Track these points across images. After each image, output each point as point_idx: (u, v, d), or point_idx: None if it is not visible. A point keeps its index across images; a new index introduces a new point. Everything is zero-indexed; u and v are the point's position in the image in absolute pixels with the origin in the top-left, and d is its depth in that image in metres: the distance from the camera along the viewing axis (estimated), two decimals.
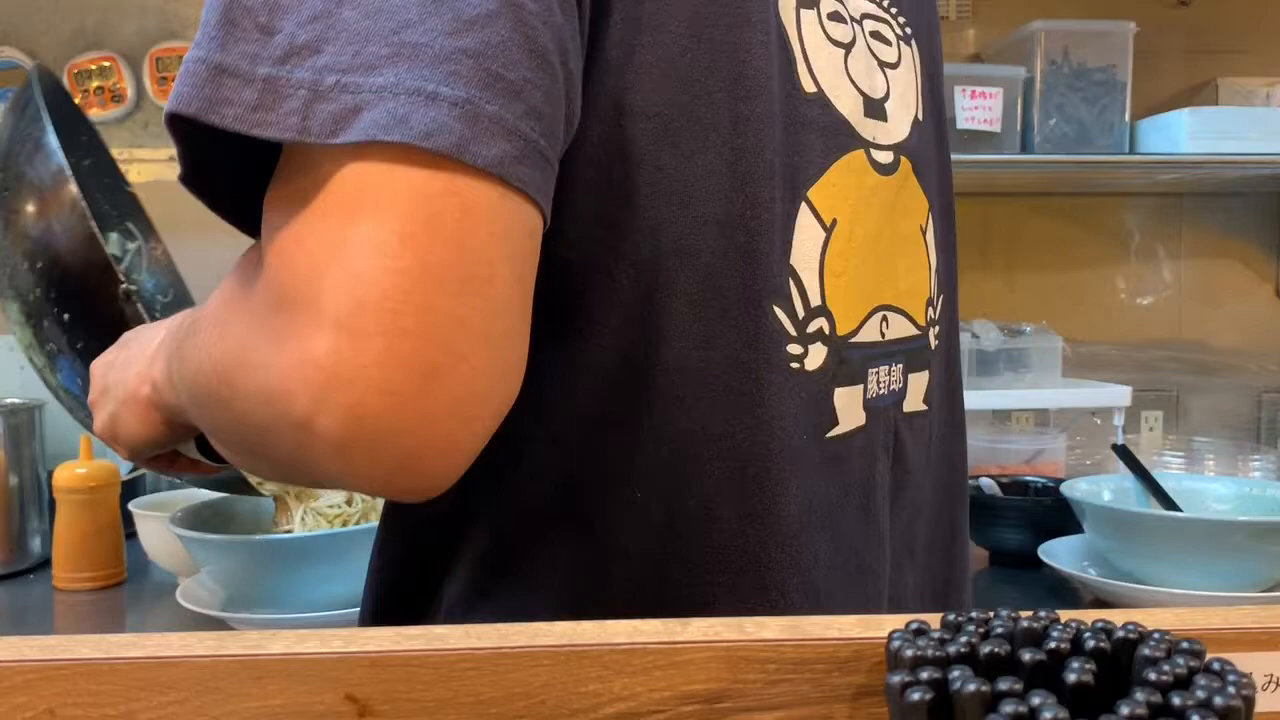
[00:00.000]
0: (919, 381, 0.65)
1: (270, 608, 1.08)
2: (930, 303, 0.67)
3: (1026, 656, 0.34)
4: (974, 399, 1.61)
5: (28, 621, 1.22)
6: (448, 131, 0.40)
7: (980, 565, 1.39)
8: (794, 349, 0.56)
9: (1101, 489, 1.28)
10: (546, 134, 0.44)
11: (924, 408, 0.66)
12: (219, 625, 1.08)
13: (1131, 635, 0.35)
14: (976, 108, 1.56)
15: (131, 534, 1.33)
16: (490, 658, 0.38)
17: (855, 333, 0.59)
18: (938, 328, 0.68)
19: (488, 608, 0.56)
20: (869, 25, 0.62)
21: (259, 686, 0.38)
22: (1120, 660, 0.35)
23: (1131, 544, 1.15)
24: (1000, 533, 1.37)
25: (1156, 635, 0.35)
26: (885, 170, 0.61)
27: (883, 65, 0.63)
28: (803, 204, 0.56)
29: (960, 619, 0.38)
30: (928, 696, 0.33)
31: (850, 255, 0.59)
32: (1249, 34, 1.81)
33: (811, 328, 0.57)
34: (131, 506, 1.32)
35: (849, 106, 0.59)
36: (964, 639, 0.35)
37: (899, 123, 0.63)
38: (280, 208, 0.43)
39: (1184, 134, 1.55)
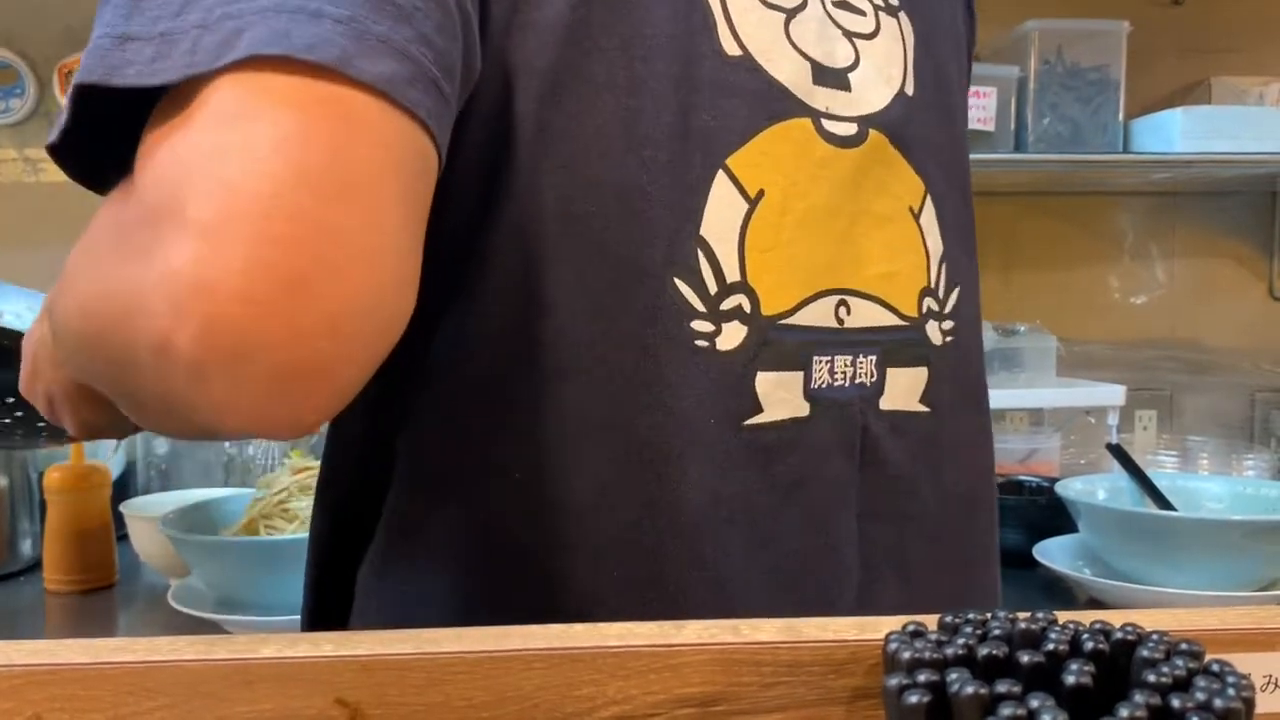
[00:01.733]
0: (908, 378, 0.60)
1: (262, 610, 1.08)
2: (930, 293, 0.62)
3: (1025, 658, 0.34)
4: None
5: (18, 624, 1.21)
6: (331, 45, 0.38)
7: None
8: (701, 326, 0.53)
9: (1096, 488, 1.28)
10: (440, 65, 0.42)
11: (922, 409, 0.61)
12: (211, 628, 1.07)
13: (1130, 637, 0.35)
14: (970, 107, 1.56)
15: (123, 536, 1.32)
16: (482, 661, 0.38)
17: (790, 314, 0.55)
18: (946, 323, 0.63)
19: (393, 578, 0.55)
20: None
21: (249, 691, 0.37)
22: (1119, 662, 0.35)
23: (1126, 543, 1.15)
24: None
25: (1155, 637, 0.35)
26: (844, 142, 0.57)
27: (850, 35, 0.59)
28: (719, 172, 0.53)
29: (957, 620, 0.37)
30: (925, 699, 0.32)
31: (785, 230, 0.55)
32: (1242, 33, 1.81)
33: (726, 305, 0.53)
34: (122, 508, 1.31)
35: (788, 72, 0.56)
36: (961, 641, 0.35)
37: (869, 94, 0.59)
38: (157, 129, 0.40)
39: (1177, 133, 1.55)
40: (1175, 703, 0.31)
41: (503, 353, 0.52)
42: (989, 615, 0.37)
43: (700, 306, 0.52)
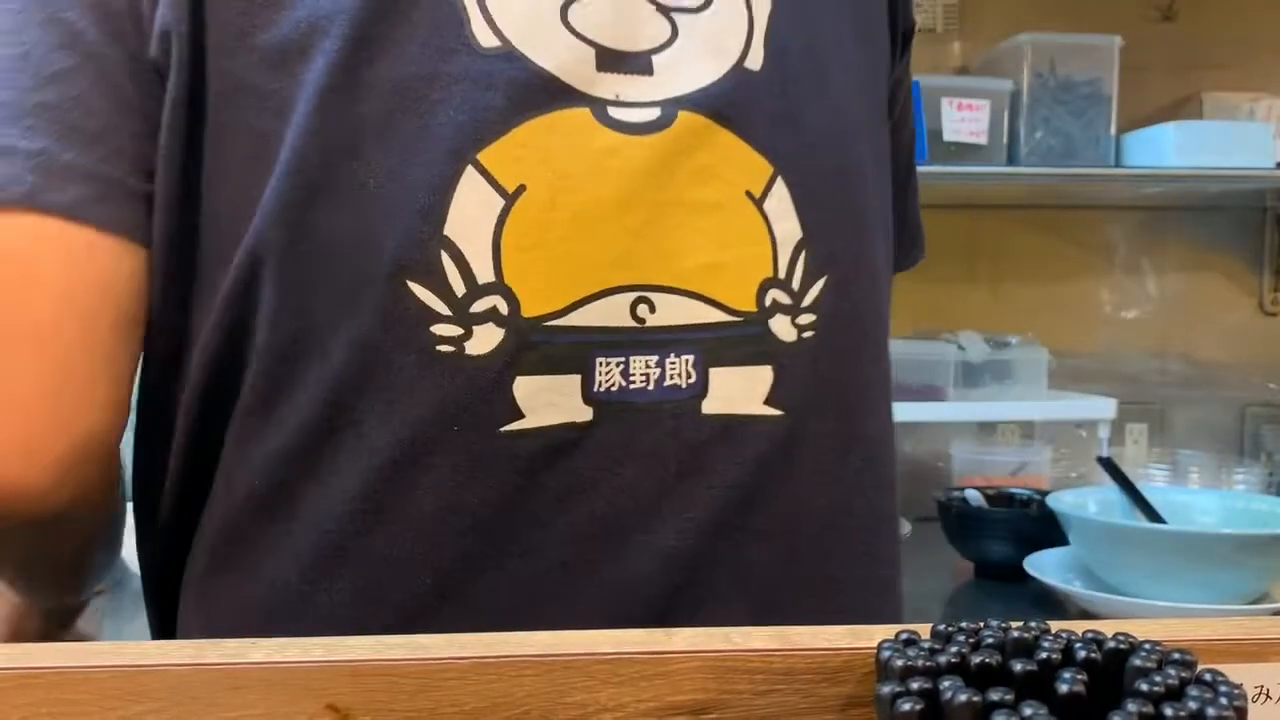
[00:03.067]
0: (742, 379, 0.55)
1: None
2: (777, 285, 0.56)
3: (1018, 667, 0.34)
4: (959, 410, 1.63)
5: None
6: (19, 183, 0.46)
7: (965, 577, 1.39)
8: (445, 330, 0.51)
9: (1087, 501, 1.28)
10: (137, 168, 0.50)
11: (770, 412, 0.55)
12: None
13: (1122, 646, 0.35)
14: (963, 120, 1.56)
15: None
16: (474, 667, 0.38)
17: (559, 315, 0.52)
18: (803, 317, 0.56)
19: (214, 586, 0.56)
20: None
21: (237, 696, 0.37)
22: (1111, 671, 0.35)
23: (1117, 556, 1.15)
24: (985, 545, 1.37)
25: (1147, 646, 0.35)
26: (639, 129, 0.53)
27: (669, 10, 0.55)
28: (468, 168, 0.51)
29: (950, 629, 0.37)
30: (918, 707, 0.32)
31: (556, 226, 0.52)
32: (1233, 49, 1.82)
33: (477, 307, 0.51)
34: None
35: (561, 60, 0.53)
36: (954, 649, 0.35)
37: (684, 73, 0.55)
38: None
39: (1169, 147, 1.56)
40: (1168, 712, 0.31)
41: (231, 363, 0.52)
42: (981, 624, 0.37)
43: (444, 310, 0.51)
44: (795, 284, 0.56)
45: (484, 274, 0.51)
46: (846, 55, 0.61)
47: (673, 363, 0.54)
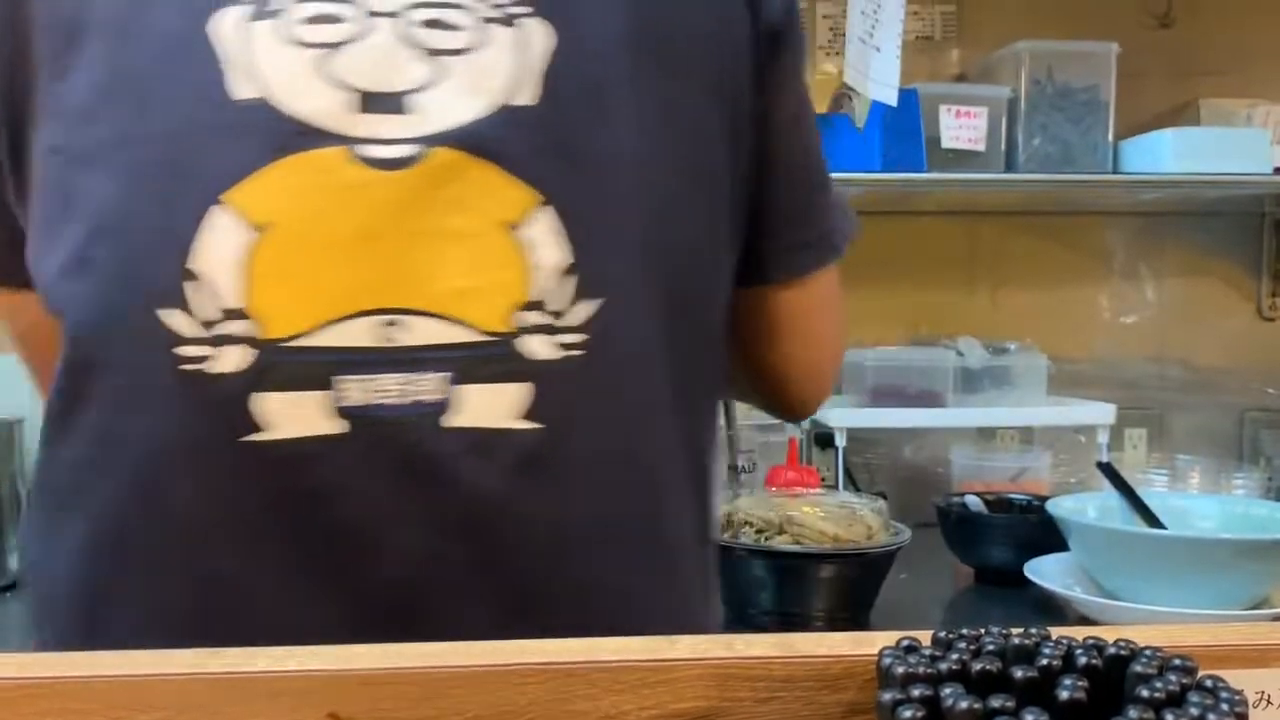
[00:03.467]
0: (493, 395, 0.58)
1: None
2: (533, 306, 0.59)
3: (1019, 674, 0.34)
4: (958, 416, 1.63)
5: (8, 639, 1.21)
6: None
7: (966, 583, 1.39)
8: (190, 351, 0.57)
9: (1087, 506, 1.28)
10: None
11: (526, 426, 0.59)
12: None
13: (1123, 652, 0.35)
14: (961, 127, 1.57)
15: None
16: (477, 675, 0.38)
17: (303, 336, 0.57)
18: (569, 336, 0.60)
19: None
20: (418, 14, 0.60)
21: (242, 705, 0.37)
22: (1112, 677, 0.35)
23: (1117, 562, 1.15)
24: (986, 550, 1.37)
25: (1148, 652, 0.35)
26: (391, 165, 0.58)
27: (435, 52, 0.60)
28: (214, 207, 0.57)
29: (951, 636, 0.37)
30: (920, 714, 0.33)
31: (304, 256, 0.58)
32: (1230, 56, 1.82)
33: (222, 330, 0.57)
34: None
35: (316, 105, 0.58)
36: (955, 656, 0.35)
37: (442, 112, 0.59)
38: None
39: (1167, 154, 1.56)
40: (1169, 718, 0.31)
41: (59, 386, 0.61)
42: (982, 631, 0.37)
43: (190, 333, 0.57)
44: (558, 305, 0.60)
45: (231, 300, 0.57)
46: (642, 88, 0.64)
47: (422, 380, 0.58)
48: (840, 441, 1.53)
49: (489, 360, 0.59)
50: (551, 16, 0.62)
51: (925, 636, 0.38)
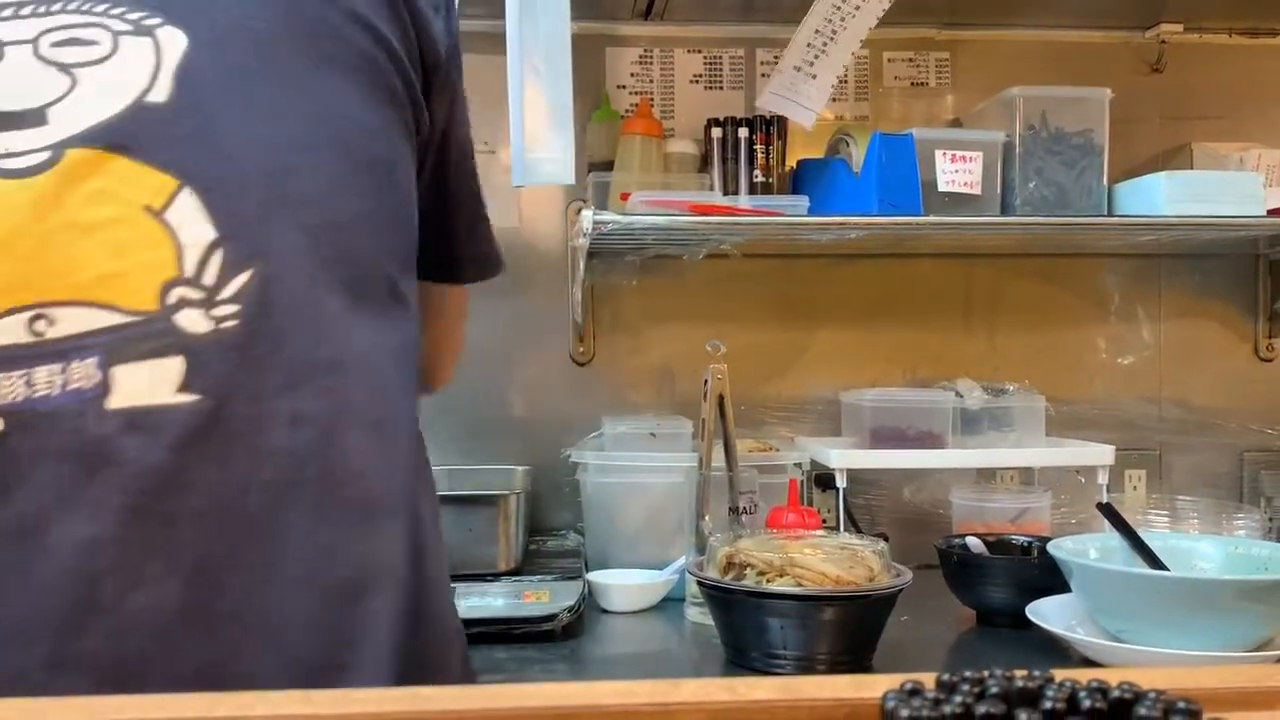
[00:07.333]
0: (148, 372, 0.61)
1: None
2: (184, 282, 0.62)
3: (1023, 716, 0.34)
4: (958, 458, 1.63)
5: None
6: None
7: (968, 625, 1.38)
8: None
9: (1088, 548, 1.28)
10: None
11: (185, 399, 0.61)
12: None
13: (1127, 695, 0.35)
14: (957, 171, 1.58)
15: None
16: (477, 719, 0.38)
17: None
18: (224, 308, 0.63)
19: None
20: (51, 38, 0.66)
21: None
22: None
23: (1119, 603, 1.15)
24: (987, 592, 1.36)
25: (1152, 695, 0.35)
26: (26, 173, 0.62)
27: (69, 66, 0.65)
28: None
29: (954, 678, 0.37)
30: None
31: None
32: (1221, 100, 1.85)
33: None
34: None
35: None
36: (959, 699, 0.35)
37: (82, 116, 0.64)
38: None
39: (1160, 197, 1.58)
40: None
41: None
42: (986, 673, 0.37)
43: None
44: (208, 280, 0.63)
45: None
46: (290, 83, 0.69)
47: (75, 368, 0.60)
48: (841, 483, 1.53)
49: (141, 339, 0.61)
50: (185, 22, 0.68)
51: (928, 679, 0.38)
